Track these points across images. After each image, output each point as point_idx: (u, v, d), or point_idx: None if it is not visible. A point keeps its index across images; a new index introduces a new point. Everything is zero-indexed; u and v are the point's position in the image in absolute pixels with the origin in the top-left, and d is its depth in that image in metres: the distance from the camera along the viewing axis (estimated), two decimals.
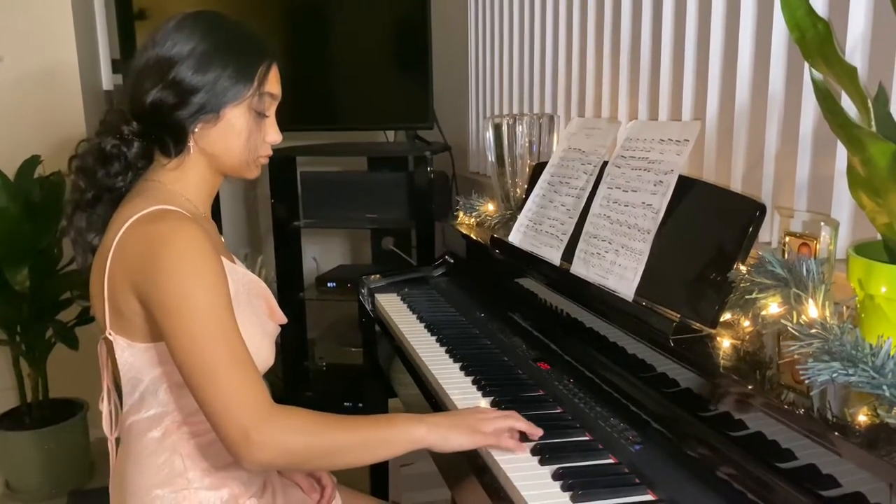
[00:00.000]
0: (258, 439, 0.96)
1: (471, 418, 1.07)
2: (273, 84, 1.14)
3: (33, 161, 2.45)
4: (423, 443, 1.04)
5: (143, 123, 1.10)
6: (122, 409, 1.15)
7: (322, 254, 3.28)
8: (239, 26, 1.13)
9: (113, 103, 1.19)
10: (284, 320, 1.27)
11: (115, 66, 2.91)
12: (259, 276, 2.88)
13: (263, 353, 1.16)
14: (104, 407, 1.19)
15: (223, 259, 1.11)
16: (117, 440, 1.19)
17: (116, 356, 1.09)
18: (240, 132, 1.11)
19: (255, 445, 0.96)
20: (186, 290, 0.99)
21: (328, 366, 2.89)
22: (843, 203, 1.19)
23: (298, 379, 2.85)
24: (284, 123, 1.20)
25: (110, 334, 1.09)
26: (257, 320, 1.16)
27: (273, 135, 1.16)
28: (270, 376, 2.86)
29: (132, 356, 1.08)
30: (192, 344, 0.99)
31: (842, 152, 1.18)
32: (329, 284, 2.89)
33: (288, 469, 1.03)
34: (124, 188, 1.14)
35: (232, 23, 1.13)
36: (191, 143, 1.10)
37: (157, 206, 1.06)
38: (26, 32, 2.66)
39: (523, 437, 1.07)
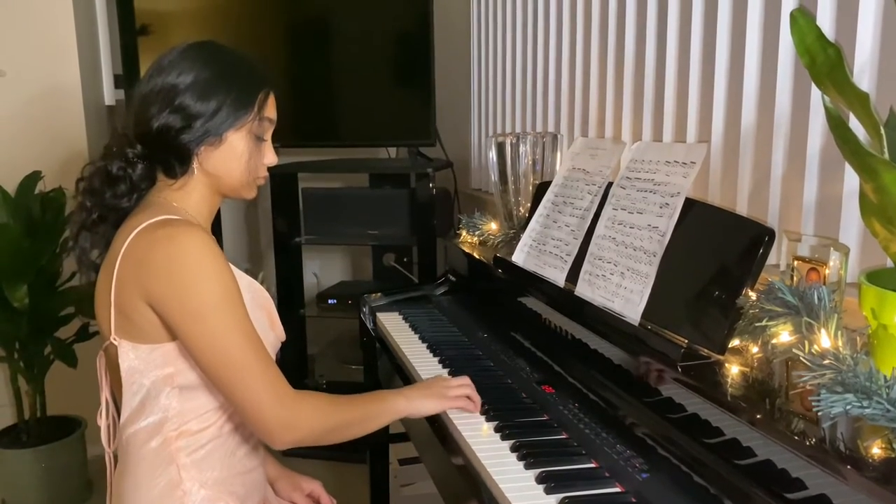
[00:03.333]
0: (290, 423, 1.08)
1: (437, 387, 1.27)
2: (271, 110, 1.20)
3: (34, 177, 2.44)
4: (405, 412, 1.23)
5: (148, 146, 1.14)
6: (119, 420, 1.16)
7: (323, 270, 3.27)
8: (239, 55, 1.19)
9: (115, 121, 1.21)
10: (283, 336, 1.28)
11: (118, 82, 2.91)
12: None
13: None
14: (102, 420, 1.21)
15: (231, 265, 1.14)
16: (115, 455, 1.19)
17: (120, 360, 1.11)
18: (241, 154, 1.16)
19: (288, 428, 1.08)
20: (206, 291, 1.05)
21: (328, 383, 2.87)
22: (851, 226, 1.18)
23: None
24: (286, 140, 1.24)
25: (115, 339, 1.11)
26: (259, 328, 1.17)
27: (270, 157, 1.21)
28: None
29: (137, 358, 1.10)
30: (216, 343, 1.05)
31: (849, 174, 1.17)
32: (330, 301, 2.88)
33: (308, 444, 1.13)
34: (129, 208, 1.17)
35: (233, 52, 1.19)
36: (195, 165, 1.15)
37: (164, 216, 1.10)
38: (29, 48, 2.66)
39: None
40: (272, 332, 1.23)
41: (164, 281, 1.05)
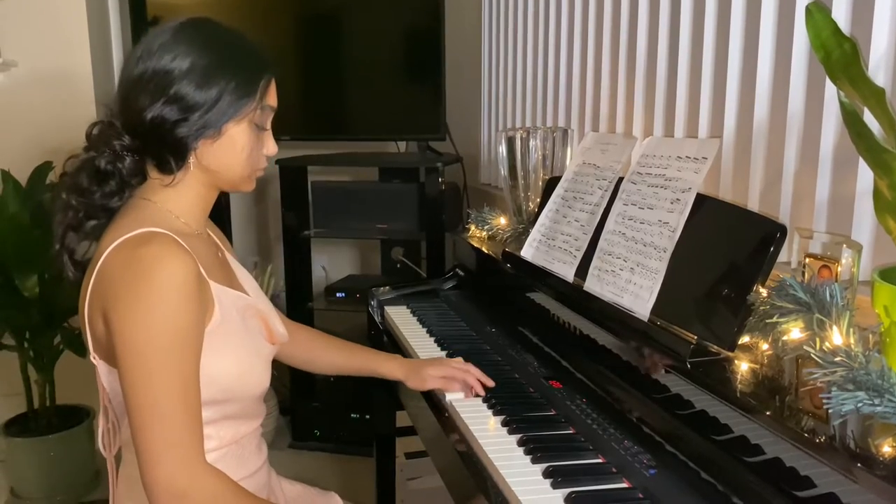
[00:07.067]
0: (181, 493, 0.95)
1: None
2: (272, 97, 1.11)
3: (45, 167, 2.45)
4: None
5: (140, 139, 1.05)
6: (120, 426, 1.12)
7: (331, 263, 3.28)
8: (238, 37, 1.09)
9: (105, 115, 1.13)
10: (286, 339, 1.24)
11: None
12: (268, 285, 2.81)
13: (255, 376, 1.13)
14: (100, 424, 1.15)
15: (213, 283, 1.07)
16: (117, 458, 1.17)
17: (102, 382, 1.07)
18: (242, 148, 1.07)
19: (175, 497, 0.95)
20: (158, 329, 0.95)
21: (335, 376, 2.87)
22: (864, 223, 1.17)
23: (305, 389, 2.83)
24: (296, 132, 1.20)
25: (94, 358, 1.06)
26: (251, 342, 1.13)
27: (271, 147, 1.13)
28: (277, 385, 2.84)
29: (114, 381, 1.04)
30: (146, 382, 0.95)
31: (863, 171, 1.16)
32: (338, 294, 2.88)
33: None
34: (118, 206, 1.10)
35: (231, 34, 1.09)
36: (191, 161, 1.06)
37: (145, 228, 1.01)
38: (41, 38, 2.67)
39: None
40: (267, 344, 1.17)
41: (122, 303, 0.96)
